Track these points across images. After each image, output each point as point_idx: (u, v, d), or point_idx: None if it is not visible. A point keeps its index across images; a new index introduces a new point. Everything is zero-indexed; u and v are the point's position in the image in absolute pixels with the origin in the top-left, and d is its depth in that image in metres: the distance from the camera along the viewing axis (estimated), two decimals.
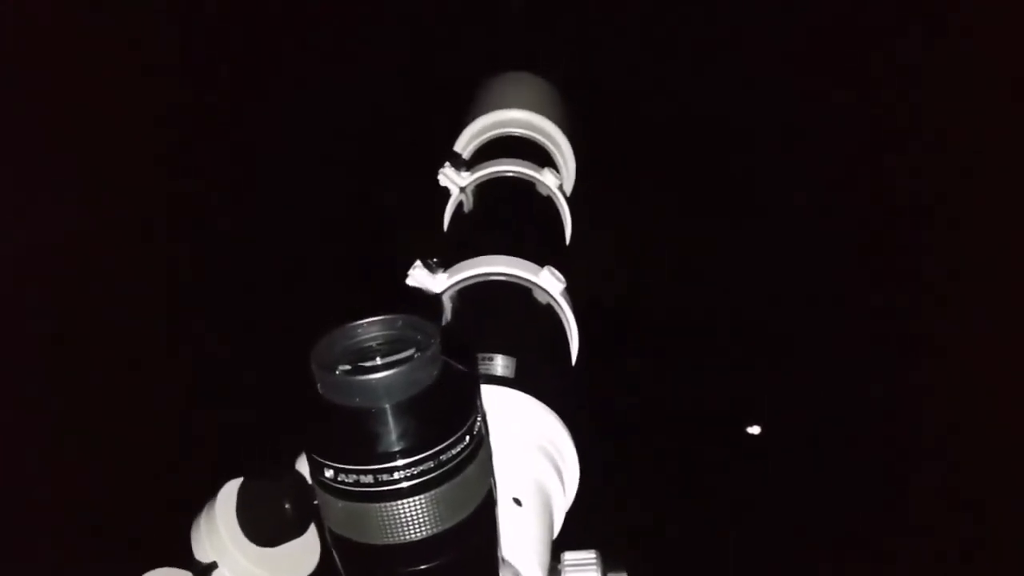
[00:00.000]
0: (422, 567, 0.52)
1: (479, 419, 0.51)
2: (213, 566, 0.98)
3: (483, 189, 0.99)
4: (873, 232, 2.49)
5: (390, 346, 0.51)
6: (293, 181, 2.72)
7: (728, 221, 2.57)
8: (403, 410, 0.48)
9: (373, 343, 0.51)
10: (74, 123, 2.53)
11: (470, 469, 0.51)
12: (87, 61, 2.52)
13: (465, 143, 1.11)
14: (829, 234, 2.50)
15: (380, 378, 0.47)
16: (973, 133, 2.33)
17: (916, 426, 2.37)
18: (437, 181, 1.02)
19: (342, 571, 0.54)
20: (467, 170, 1.02)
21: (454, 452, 0.49)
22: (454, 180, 1.01)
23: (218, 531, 0.98)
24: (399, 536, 0.50)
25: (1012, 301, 2.29)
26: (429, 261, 0.85)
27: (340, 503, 0.50)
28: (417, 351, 0.49)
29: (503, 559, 0.63)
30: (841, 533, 2.32)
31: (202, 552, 0.99)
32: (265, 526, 0.86)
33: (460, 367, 0.51)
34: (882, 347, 2.45)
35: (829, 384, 2.47)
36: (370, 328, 0.51)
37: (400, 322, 0.51)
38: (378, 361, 0.49)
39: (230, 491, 1.01)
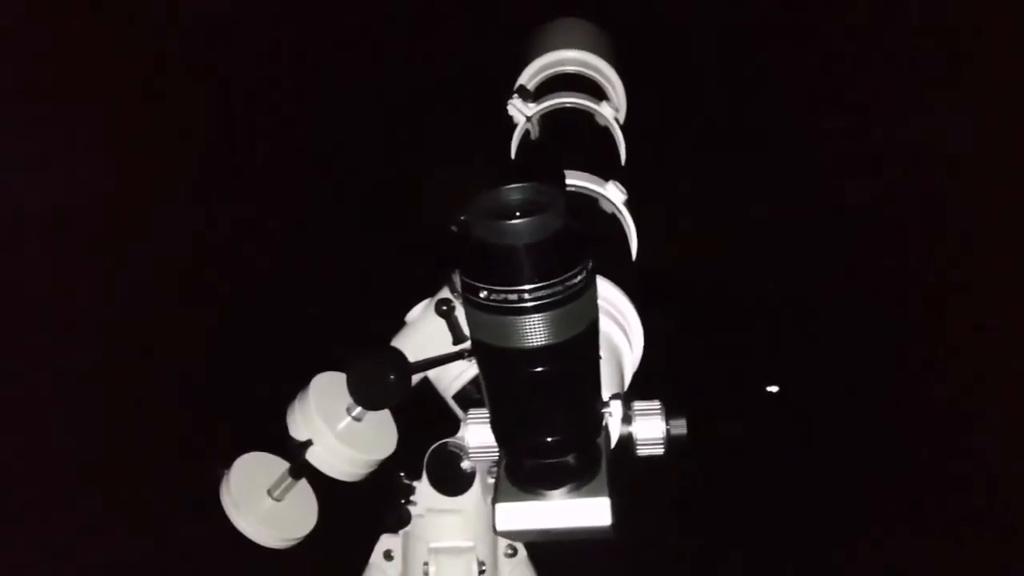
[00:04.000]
0: (540, 368, 0.78)
1: (591, 262, 0.78)
2: (308, 443, 1.26)
3: (548, 118, 1.26)
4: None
5: (526, 204, 0.77)
6: (302, 177, 2.99)
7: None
8: (538, 247, 0.74)
9: (513, 202, 0.77)
10: (77, 123, 2.77)
11: (583, 298, 0.77)
12: (92, 63, 2.76)
13: (527, 80, 1.37)
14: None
15: (523, 222, 0.74)
16: None
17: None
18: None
19: (482, 373, 0.81)
20: (533, 102, 1.28)
21: (574, 281, 0.76)
22: (521, 110, 1.28)
23: (311, 413, 1.26)
24: (528, 342, 0.76)
25: None
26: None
27: (488, 316, 0.76)
28: (546, 207, 0.75)
29: None
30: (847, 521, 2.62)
31: (297, 431, 1.27)
32: (371, 391, 1.13)
33: (578, 223, 0.77)
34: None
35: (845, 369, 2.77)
36: (511, 191, 0.78)
37: (533, 187, 0.78)
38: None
39: (321, 380, 1.29)
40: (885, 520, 2.60)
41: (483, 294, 0.76)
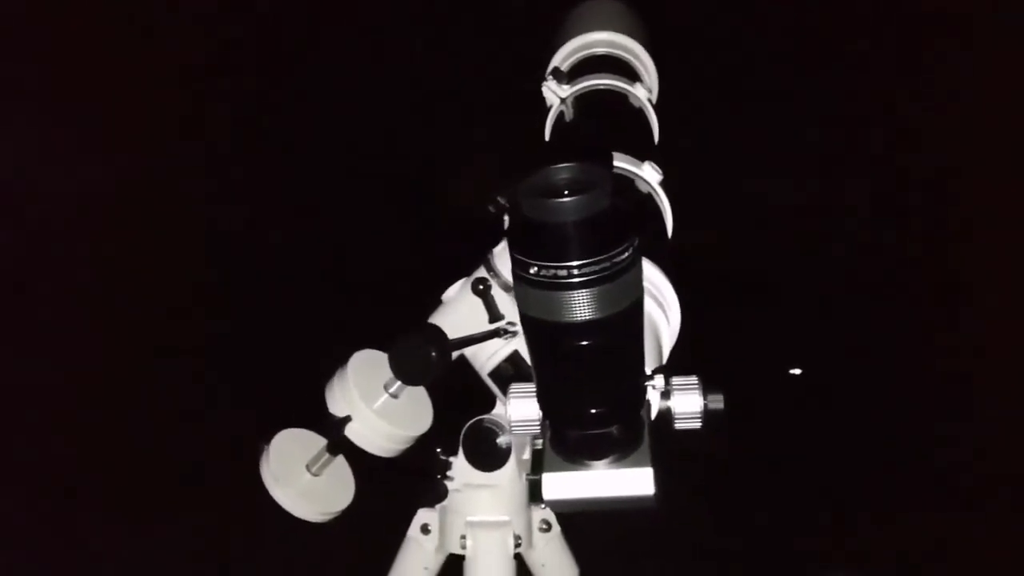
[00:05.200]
0: (586, 342, 0.82)
1: (637, 239, 0.81)
2: (347, 419, 1.31)
3: (582, 100, 1.29)
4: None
5: (574, 184, 0.80)
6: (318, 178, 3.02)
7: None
8: (586, 225, 0.78)
9: (561, 182, 0.81)
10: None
11: (629, 275, 0.80)
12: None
13: (559, 62, 1.41)
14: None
15: (571, 201, 0.77)
16: None
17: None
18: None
19: (529, 347, 0.85)
20: (567, 83, 1.32)
21: (619, 259, 0.79)
22: (555, 91, 1.31)
23: (350, 390, 1.31)
24: (576, 316, 0.80)
25: None
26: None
27: (537, 291, 0.80)
28: (594, 186, 0.79)
29: None
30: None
31: (336, 407, 1.32)
32: (412, 367, 1.18)
33: (624, 202, 0.81)
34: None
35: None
36: (559, 171, 0.81)
37: (580, 168, 0.81)
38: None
39: (358, 358, 1.34)
40: (884, 512, 2.65)
41: (533, 270, 0.79)
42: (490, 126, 2.88)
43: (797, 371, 2.89)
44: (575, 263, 0.78)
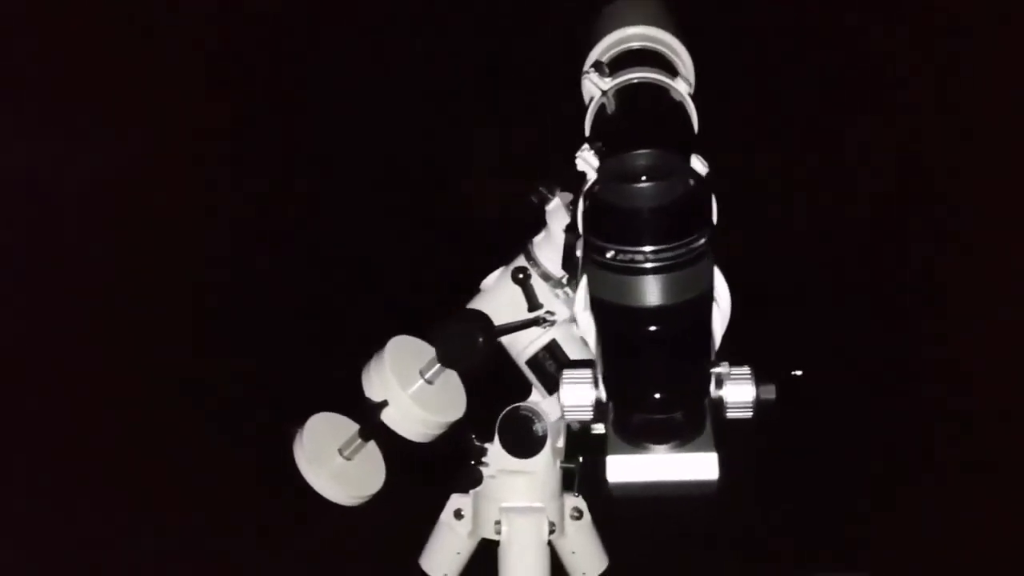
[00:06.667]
0: (656, 327, 0.82)
1: (713, 227, 0.82)
2: (384, 404, 1.31)
3: (624, 92, 1.29)
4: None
5: (652, 170, 0.81)
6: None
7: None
8: (666, 211, 0.78)
9: (639, 167, 0.81)
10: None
11: (702, 263, 0.81)
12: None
13: (598, 56, 1.41)
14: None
15: (654, 186, 0.78)
16: None
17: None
18: None
19: (599, 331, 0.85)
20: (608, 77, 1.32)
21: (695, 246, 0.80)
22: (597, 84, 1.31)
23: (386, 375, 1.31)
24: (651, 301, 0.80)
25: None
26: (597, 144, 1.15)
27: (613, 275, 0.80)
28: (672, 172, 0.79)
29: None
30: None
31: (373, 392, 1.32)
32: (458, 351, 1.18)
33: (702, 189, 0.81)
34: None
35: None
36: (638, 158, 0.81)
37: (658, 155, 0.81)
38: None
39: (395, 343, 1.34)
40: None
41: (610, 254, 0.79)
42: (490, 125, 2.88)
43: (798, 372, 2.89)
44: (653, 248, 0.78)
